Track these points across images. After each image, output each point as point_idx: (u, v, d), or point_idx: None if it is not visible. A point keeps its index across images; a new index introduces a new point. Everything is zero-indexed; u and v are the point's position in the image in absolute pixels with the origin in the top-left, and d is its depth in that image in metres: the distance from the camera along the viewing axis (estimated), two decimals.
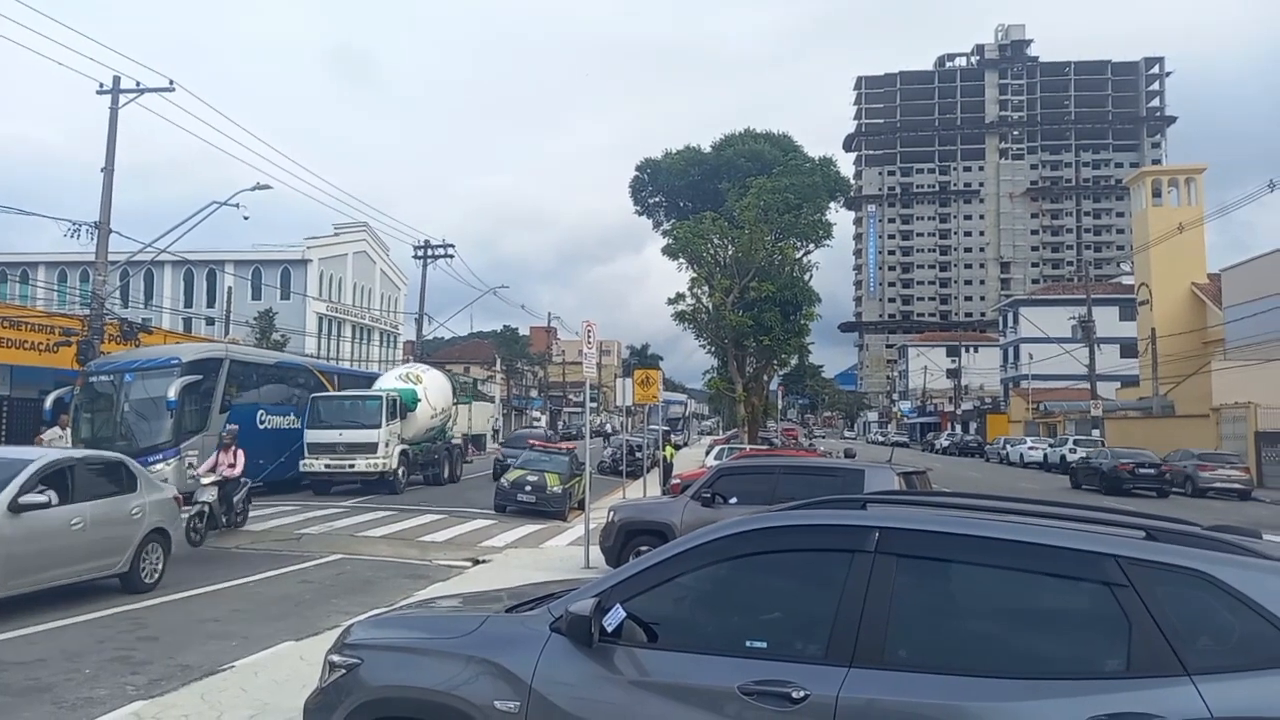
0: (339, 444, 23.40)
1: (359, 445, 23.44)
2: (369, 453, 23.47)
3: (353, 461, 23.42)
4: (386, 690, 3.73)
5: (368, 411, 24.07)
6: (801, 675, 3.08)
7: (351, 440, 23.43)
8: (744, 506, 10.57)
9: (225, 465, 15.42)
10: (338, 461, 23.39)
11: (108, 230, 21.02)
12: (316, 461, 23.44)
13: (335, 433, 23.51)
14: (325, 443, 23.50)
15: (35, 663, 7.29)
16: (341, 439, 23.45)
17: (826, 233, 41.04)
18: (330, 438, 23.50)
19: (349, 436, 23.46)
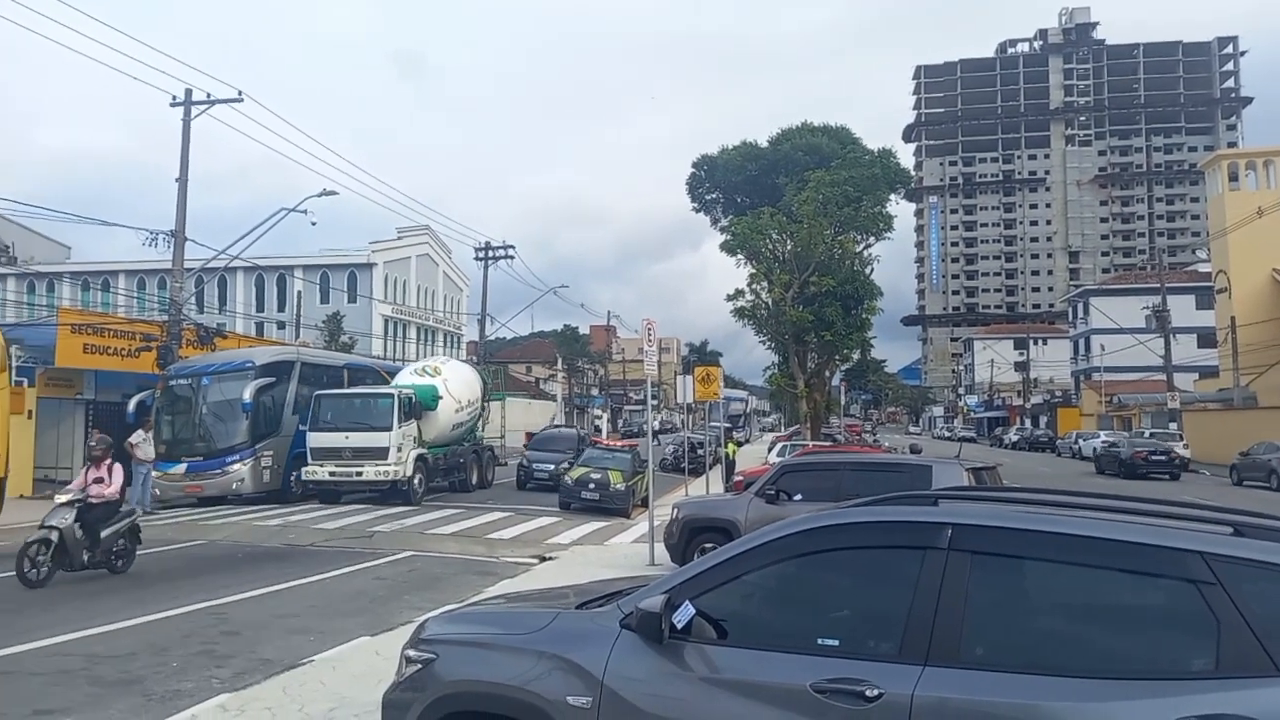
0: (345, 448, 20.61)
1: (367, 450, 20.54)
2: (378, 458, 20.56)
3: (360, 468, 20.53)
4: (461, 684, 3.80)
5: (377, 411, 21.16)
6: (875, 673, 3.07)
7: (359, 444, 20.58)
8: (809, 503, 10.52)
9: (93, 483, 11.44)
10: (343, 468, 20.63)
11: (183, 238, 21.74)
12: (320, 469, 20.73)
13: (341, 435, 20.72)
14: (329, 447, 20.76)
15: (126, 656, 7.60)
16: (348, 442, 20.62)
17: (887, 225, 40.53)
18: (335, 441, 20.73)
19: (356, 440, 20.61)
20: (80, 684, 6.78)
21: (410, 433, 21.54)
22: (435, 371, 24.87)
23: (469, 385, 25.78)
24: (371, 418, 21.00)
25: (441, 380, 24.12)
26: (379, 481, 20.71)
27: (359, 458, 20.57)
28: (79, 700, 6.38)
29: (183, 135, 21.67)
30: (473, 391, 25.86)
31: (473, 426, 26.64)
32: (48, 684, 6.76)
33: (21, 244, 40.54)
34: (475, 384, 26.57)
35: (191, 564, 13.08)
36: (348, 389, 23.19)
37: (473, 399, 25.75)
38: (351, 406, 21.64)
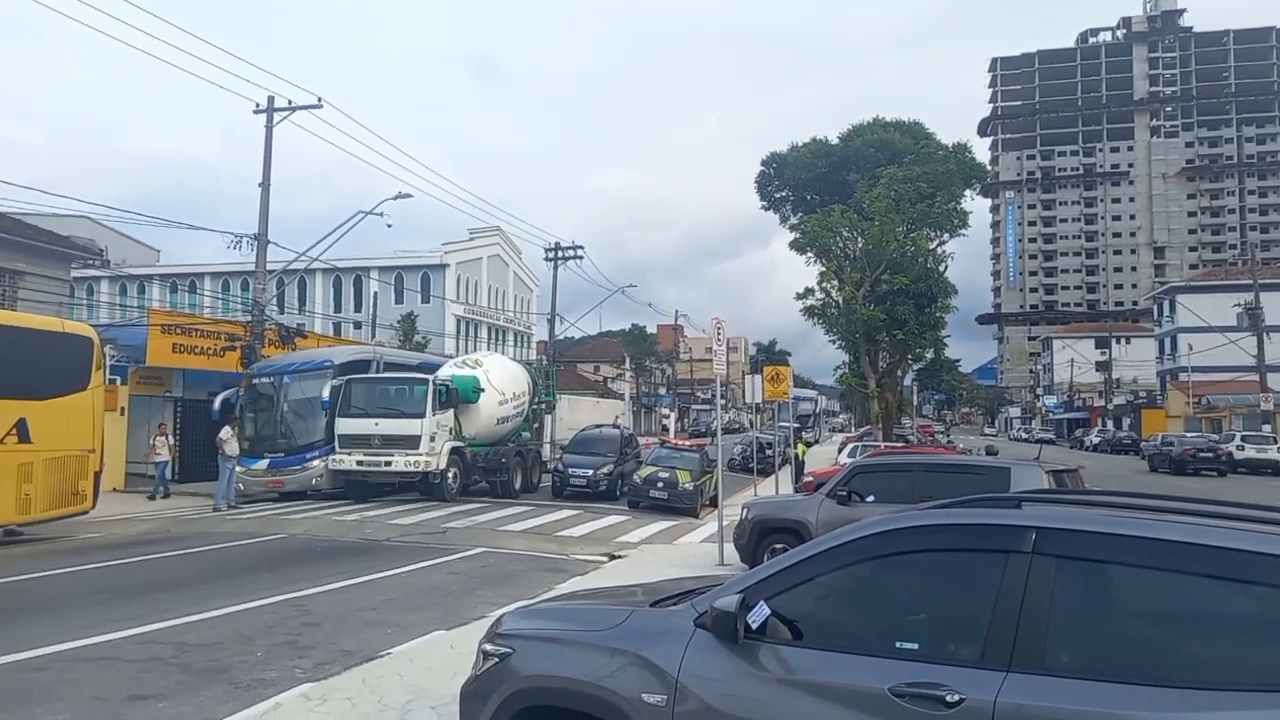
0: (374, 436, 19.75)
1: (398, 438, 19.69)
2: (409, 447, 19.69)
3: (390, 457, 19.70)
4: (537, 679, 3.86)
5: (410, 397, 20.33)
6: (955, 678, 3.02)
7: (389, 431, 19.75)
8: (881, 505, 10.38)
9: None
10: (372, 457, 19.78)
11: (266, 241, 22.45)
12: (348, 457, 19.94)
13: (371, 422, 19.89)
14: (359, 434, 19.93)
15: (214, 645, 7.89)
16: (378, 430, 19.79)
17: (962, 222, 39.73)
18: (365, 428, 19.91)
19: (386, 427, 19.78)
20: (172, 671, 7.06)
21: (446, 423, 20.54)
22: (476, 364, 23.90)
23: (514, 380, 24.69)
24: (404, 404, 20.21)
25: (483, 372, 23.12)
26: (409, 473, 19.87)
27: (389, 446, 19.71)
28: (171, 687, 6.64)
29: (265, 141, 22.39)
30: (518, 388, 24.67)
31: (520, 426, 25.40)
32: (141, 670, 7.05)
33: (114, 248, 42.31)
34: (522, 380, 25.39)
35: (273, 557, 13.50)
36: (381, 375, 22.08)
37: (518, 395, 24.48)
38: (384, 392, 20.75)
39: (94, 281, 48.53)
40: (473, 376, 22.47)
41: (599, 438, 26.20)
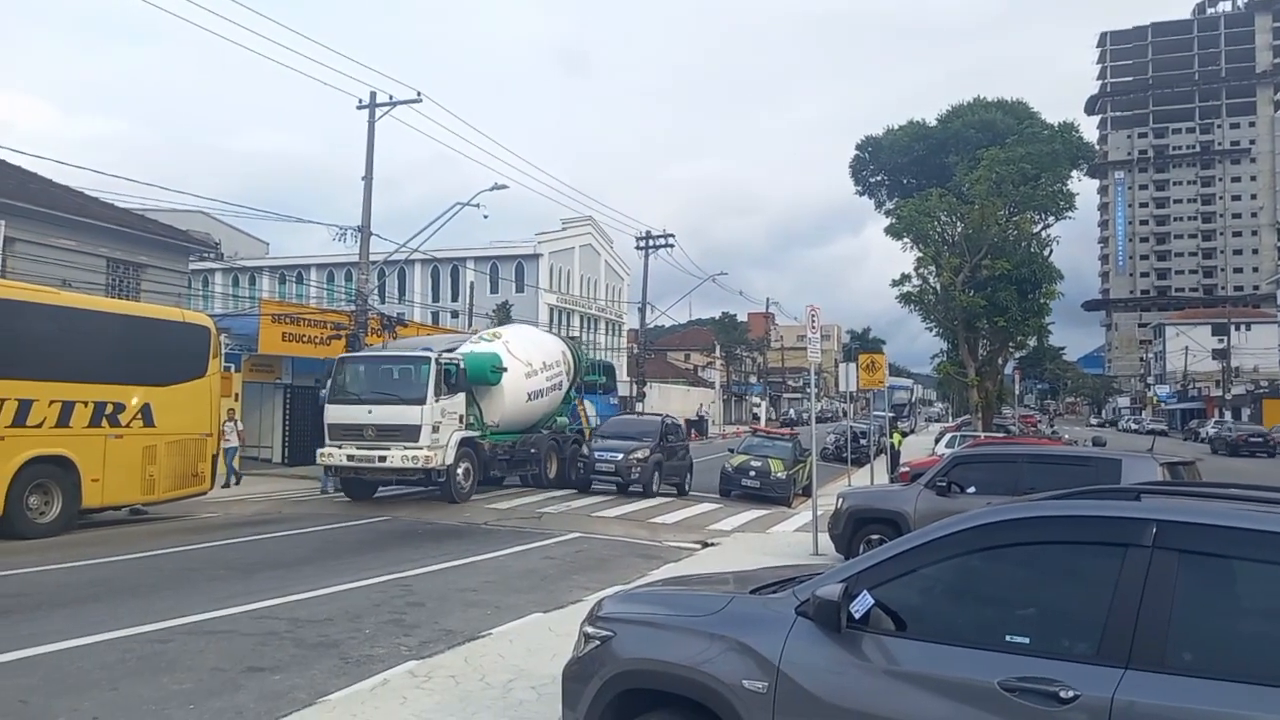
0: (367, 426, 16.98)
1: (394, 429, 16.85)
2: (408, 440, 16.76)
3: (384, 451, 16.82)
4: (637, 663, 3.90)
5: (408, 380, 17.41)
6: (1070, 674, 2.93)
7: (384, 421, 16.89)
8: (983, 496, 10.13)
9: None
10: (365, 451, 16.98)
11: (368, 233, 23.14)
12: (338, 451, 17.25)
13: (363, 409, 17.13)
14: (350, 424, 17.19)
15: (324, 621, 8.23)
16: (371, 419, 16.97)
17: (1068, 204, 38.22)
18: (356, 416, 17.13)
19: (381, 415, 16.94)
20: (286, 645, 7.39)
21: (454, 410, 17.59)
22: (495, 336, 21.10)
23: (543, 350, 21.50)
24: (400, 388, 17.31)
25: (502, 344, 20.07)
26: (407, 470, 16.90)
27: (384, 438, 16.85)
28: (285, 660, 6.96)
29: (367, 136, 23.05)
30: (549, 358, 21.39)
31: (556, 410, 22.30)
32: (258, 644, 7.41)
33: (227, 241, 44.31)
34: (554, 351, 22.20)
35: (378, 538, 13.98)
36: (373, 353, 19.53)
37: (550, 367, 21.25)
38: (378, 374, 17.95)
39: (209, 273, 50.87)
40: (491, 353, 19.27)
41: (637, 422, 23.13)
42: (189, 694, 6.05)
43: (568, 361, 22.72)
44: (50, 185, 22.55)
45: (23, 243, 19.88)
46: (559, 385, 21.79)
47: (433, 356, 17.46)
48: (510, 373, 19.34)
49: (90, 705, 5.74)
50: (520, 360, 19.92)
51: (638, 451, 19.92)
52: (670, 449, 21.48)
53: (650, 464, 19.98)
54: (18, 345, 12.73)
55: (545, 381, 20.89)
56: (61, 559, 11.03)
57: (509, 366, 19.42)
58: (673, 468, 21.42)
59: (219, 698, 5.99)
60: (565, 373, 22.32)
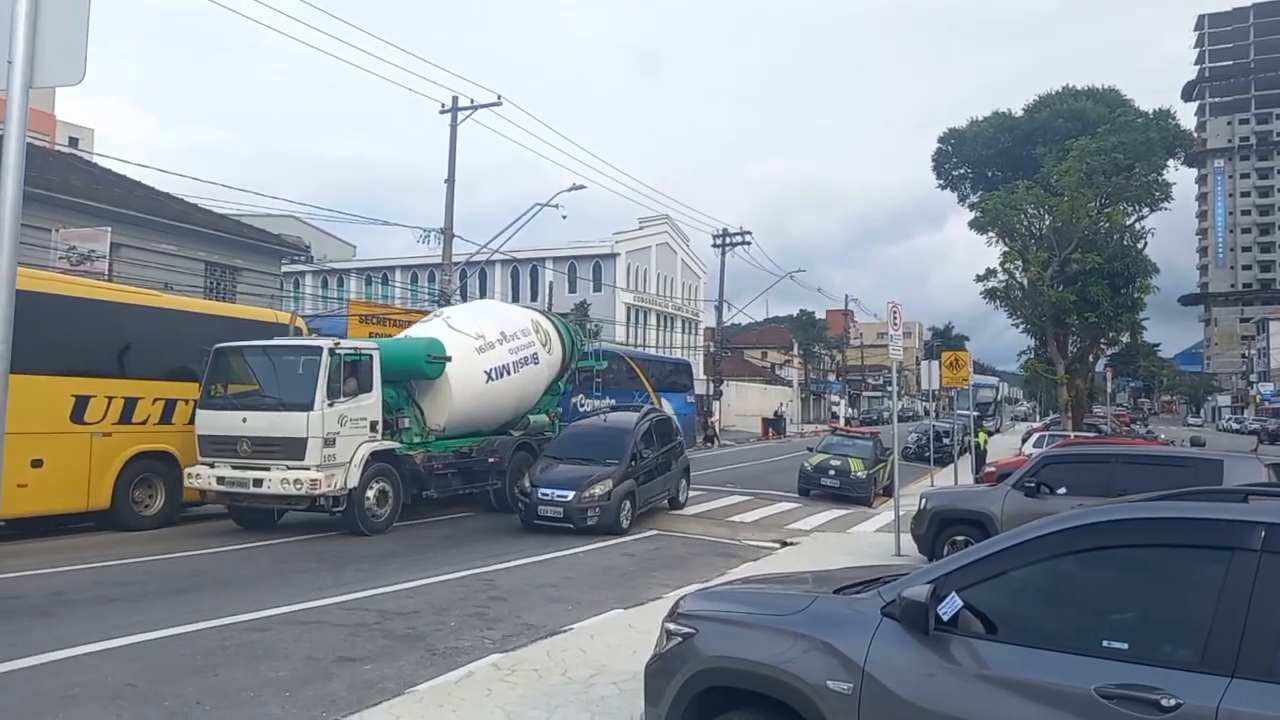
0: (241, 438, 12.83)
1: (271, 442, 12.74)
2: (290, 455, 12.63)
3: (262, 473, 12.62)
4: (720, 660, 3.90)
5: (291, 378, 13.12)
6: (1171, 682, 2.83)
7: (260, 432, 12.80)
8: (1074, 498, 9.83)
9: None
10: (239, 473, 12.76)
11: (451, 235, 23.62)
12: (208, 470, 13.04)
13: (237, 417, 12.94)
14: (221, 435, 13.02)
15: (411, 614, 8.44)
16: (245, 428, 12.86)
17: (1164, 194, 36.70)
18: (229, 425, 12.93)
19: (257, 424, 12.85)
20: (375, 636, 7.61)
21: (361, 415, 13.41)
22: (435, 317, 17.32)
23: (504, 324, 16.84)
24: (282, 389, 13.15)
25: (440, 322, 16.31)
26: (290, 497, 12.69)
27: (262, 454, 12.76)
28: (374, 651, 7.16)
29: (450, 140, 23.55)
30: (516, 334, 16.74)
31: (540, 404, 17.81)
32: (349, 634, 7.64)
33: (317, 244, 45.69)
34: (523, 324, 17.31)
35: (460, 533, 14.26)
36: (254, 342, 13.90)
37: (519, 345, 16.63)
38: (256, 369, 13.68)
39: (300, 276, 52.53)
40: (423, 340, 15.41)
41: (600, 433, 15.85)
42: (284, 682, 6.27)
43: (546, 334, 17.75)
44: (153, 193, 23.62)
45: (128, 248, 20.86)
46: (530, 360, 16.79)
47: (324, 346, 13.11)
48: (457, 357, 15.15)
49: (193, 690, 6.01)
50: (466, 334, 15.67)
51: (596, 485, 14.09)
52: (650, 466, 15.68)
53: (616, 498, 14.18)
54: (123, 346, 13.40)
55: (509, 355, 16.26)
56: (163, 550, 11.54)
57: (453, 349, 15.15)
58: (655, 487, 15.99)
59: (312, 686, 6.20)
60: (543, 347, 17.41)
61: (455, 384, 15.26)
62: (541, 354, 17.37)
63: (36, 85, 3.20)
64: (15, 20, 3.17)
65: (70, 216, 19.64)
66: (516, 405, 16.90)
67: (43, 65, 3.19)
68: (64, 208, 19.63)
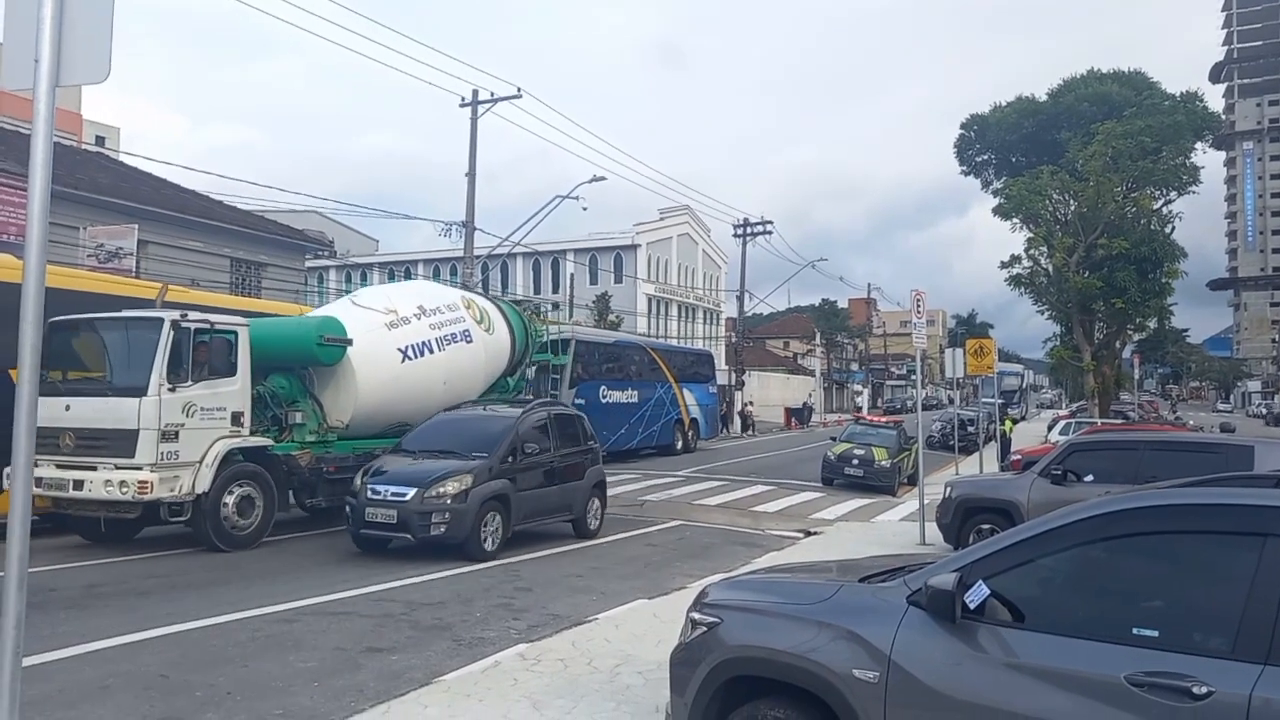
0: (64, 430, 10.61)
1: (96, 435, 10.61)
2: (117, 452, 10.48)
3: (86, 473, 10.48)
4: (745, 649, 3.90)
5: (124, 357, 11.14)
6: (1203, 669, 2.80)
7: (84, 423, 10.65)
8: (1101, 485, 9.75)
9: None
10: (62, 473, 10.57)
11: (473, 228, 23.70)
12: None
13: (60, 404, 10.61)
14: (42, 427, 7.47)
15: (437, 604, 8.51)
16: (69, 417, 10.65)
17: (1191, 178, 36.22)
18: (52, 414, 10.31)
19: (82, 413, 10.67)
20: (403, 627, 7.67)
21: (218, 404, 11.18)
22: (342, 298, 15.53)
23: (424, 298, 14.55)
24: (113, 369, 11.17)
25: (345, 302, 14.43)
26: (116, 503, 10.52)
27: (87, 449, 10.66)
28: (402, 641, 7.23)
29: (470, 133, 23.59)
30: (440, 309, 14.36)
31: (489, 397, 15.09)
32: (376, 625, 7.71)
33: (340, 239, 46.07)
34: (450, 299, 15.08)
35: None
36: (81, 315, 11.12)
37: (444, 320, 14.22)
38: (86, 346, 11.48)
39: (324, 270, 52.90)
40: (318, 319, 13.28)
41: (475, 421, 12.53)
42: (313, 672, 6.34)
43: (484, 313, 15.37)
44: (179, 190, 23.87)
45: (155, 244, 21.10)
46: (461, 338, 14.31)
47: (166, 319, 10.72)
48: (362, 337, 12.74)
49: (224, 681, 6.09)
50: (373, 309, 13.48)
51: (448, 481, 10.73)
52: (542, 470, 12.08)
53: (476, 501, 10.72)
54: None
55: (430, 330, 13.85)
56: (190, 545, 11.66)
57: (356, 329, 12.77)
58: (549, 499, 12.25)
59: (341, 676, 6.27)
60: (479, 325, 14.92)
61: (361, 370, 12.75)
62: (477, 333, 14.86)
63: (63, 84, 3.24)
64: (41, 20, 3.21)
65: (98, 214, 19.90)
66: (447, 395, 13.67)
67: (68, 64, 3.23)
68: (92, 206, 19.89)
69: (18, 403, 3.25)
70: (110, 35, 3.26)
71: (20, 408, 3.23)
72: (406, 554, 11.22)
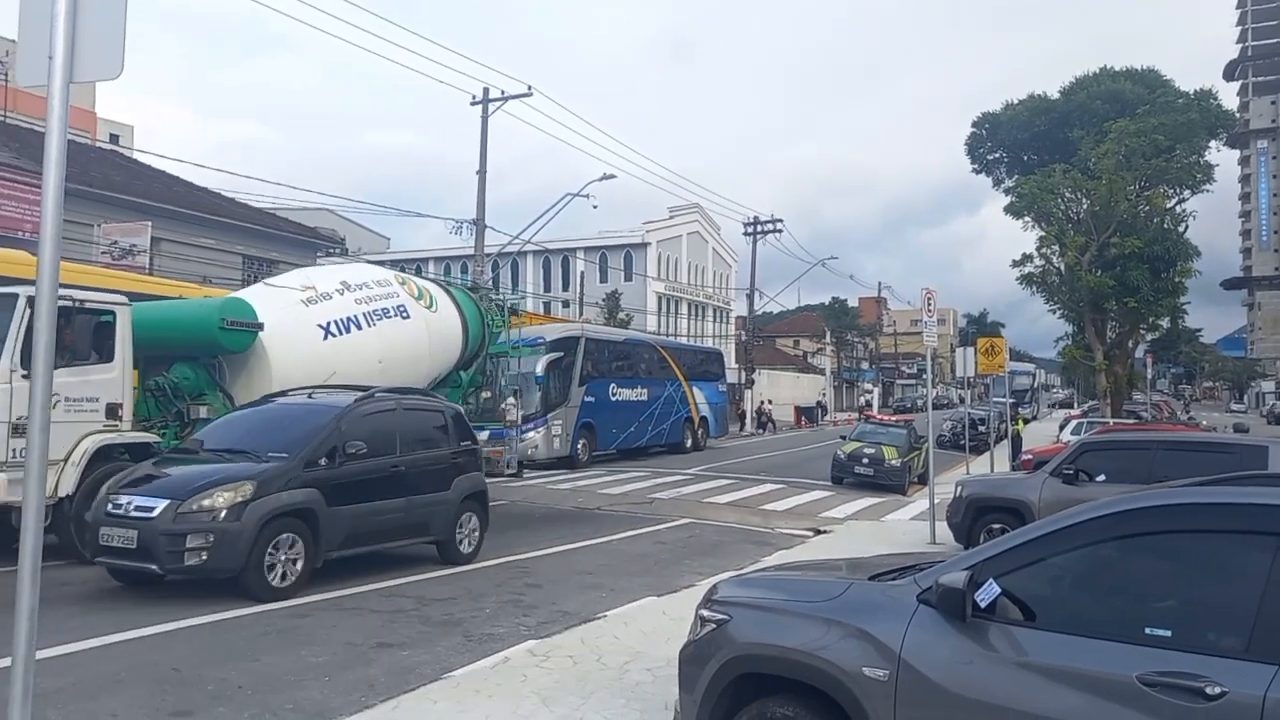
0: None
1: None
2: None
3: None
4: (754, 647, 3.90)
5: None
6: (1217, 669, 2.79)
7: None
8: (1113, 485, 9.73)
9: None
10: None
11: (483, 226, 23.74)
12: None
13: None
14: None
15: (448, 600, 8.53)
16: None
17: (1205, 176, 35.96)
18: None
19: None
20: (413, 622, 7.70)
21: (84, 394, 9.73)
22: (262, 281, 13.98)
23: (348, 275, 13.37)
24: None
25: (259, 285, 13.13)
26: None
27: None
28: (412, 636, 7.25)
29: (481, 131, 23.66)
30: (367, 284, 13.05)
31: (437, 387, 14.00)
32: (387, 620, 7.73)
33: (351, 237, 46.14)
34: (381, 276, 13.83)
35: (496, 521, 14.22)
36: None
37: (373, 294, 12.89)
38: None
39: None
40: (220, 300, 11.96)
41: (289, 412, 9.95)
42: (324, 666, 6.37)
43: (425, 293, 14.11)
44: (192, 188, 23.98)
45: (168, 242, 21.21)
46: (396, 313, 12.95)
47: (22, 294, 9.17)
48: (275, 317, 11.43)
49: (236, 675, 6.12)
50: (288, 287, 12.28)
51: (215, 493, 8.17)
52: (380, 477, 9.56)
53: (255, 521, 8.14)
54: None
55: (357, 306, 12.46)
56: None
57: (268, 311, 11.48)
58: (390, 515, 9.66)
59: (352, 671, 6.29)
60: (419, 301, 13.64)
61: (276, 353, 11.35)
62: (416, 309, 13.32)
63: (76, 80, 3.26)
64: (55, 17, 3.23)
65: (112, 211, 20.01)
66: (386, 378, 11.80)
67: (82, 60, 3.25)
68: (106, 203, 20.00)
69: (31, 398, 3.26)
70: (123, 32, 3.28)
71: (34, 403, 3.25)
72: (415, 550, 11.25)
